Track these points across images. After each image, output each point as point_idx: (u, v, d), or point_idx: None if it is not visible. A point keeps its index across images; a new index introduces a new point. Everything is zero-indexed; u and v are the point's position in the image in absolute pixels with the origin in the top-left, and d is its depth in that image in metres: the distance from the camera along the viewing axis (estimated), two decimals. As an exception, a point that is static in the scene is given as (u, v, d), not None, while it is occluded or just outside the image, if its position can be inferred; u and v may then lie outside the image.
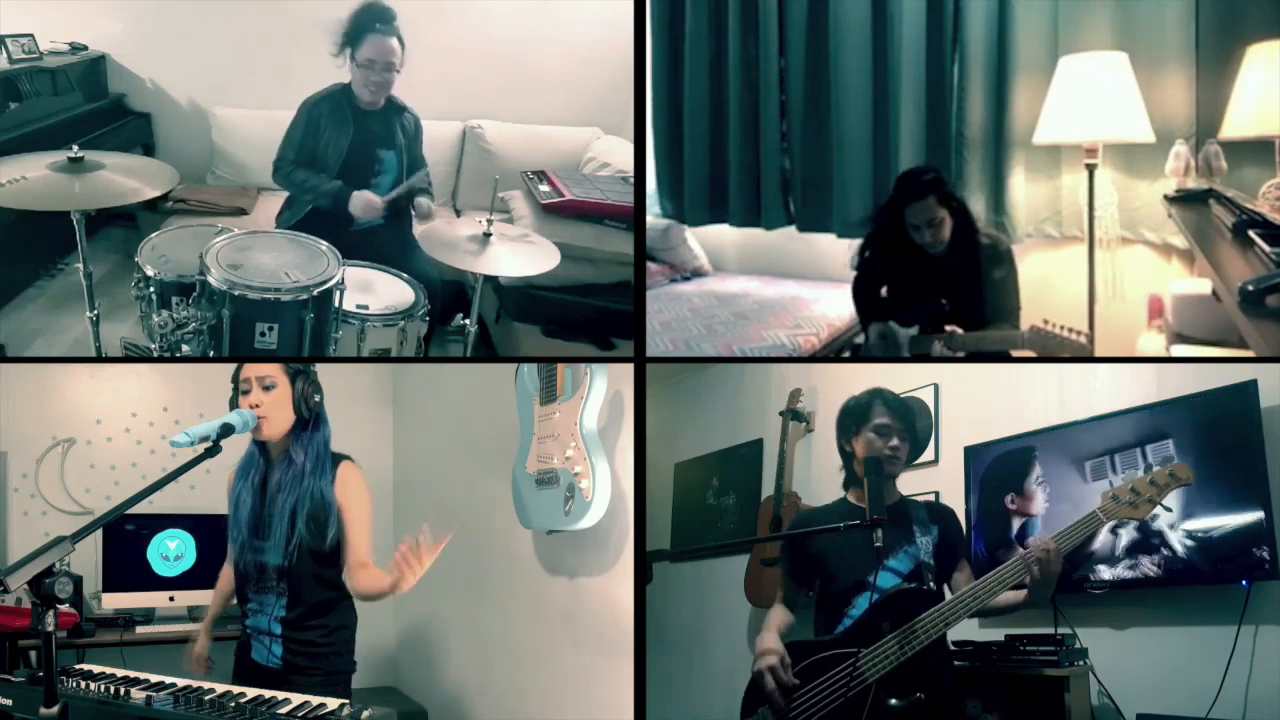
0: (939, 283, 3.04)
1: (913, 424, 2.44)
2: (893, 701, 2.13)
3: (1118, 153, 3.44)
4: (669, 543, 4.16)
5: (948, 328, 2.97)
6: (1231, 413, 2.40)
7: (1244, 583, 2.33)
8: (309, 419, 2.30)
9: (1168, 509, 2.25)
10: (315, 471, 2.26)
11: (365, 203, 3.25)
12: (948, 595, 2.32)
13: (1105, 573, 2.57)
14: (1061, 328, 2.81)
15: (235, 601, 2.46)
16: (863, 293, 3.24)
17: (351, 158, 3.29)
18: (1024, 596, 2.23)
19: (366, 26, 3.20)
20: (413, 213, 3.45)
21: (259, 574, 2.30)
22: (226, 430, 2.09)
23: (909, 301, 3.10)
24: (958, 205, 2.99)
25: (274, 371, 2.28)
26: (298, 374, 2.30)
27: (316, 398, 2.31)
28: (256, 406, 2.25)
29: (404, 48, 3.25)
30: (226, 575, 2.52)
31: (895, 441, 2.38)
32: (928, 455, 3.17)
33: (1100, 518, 2.16)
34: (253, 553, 2.30)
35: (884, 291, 3.21)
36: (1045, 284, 3.60)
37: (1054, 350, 2.82)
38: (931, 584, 2.32)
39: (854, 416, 2.43)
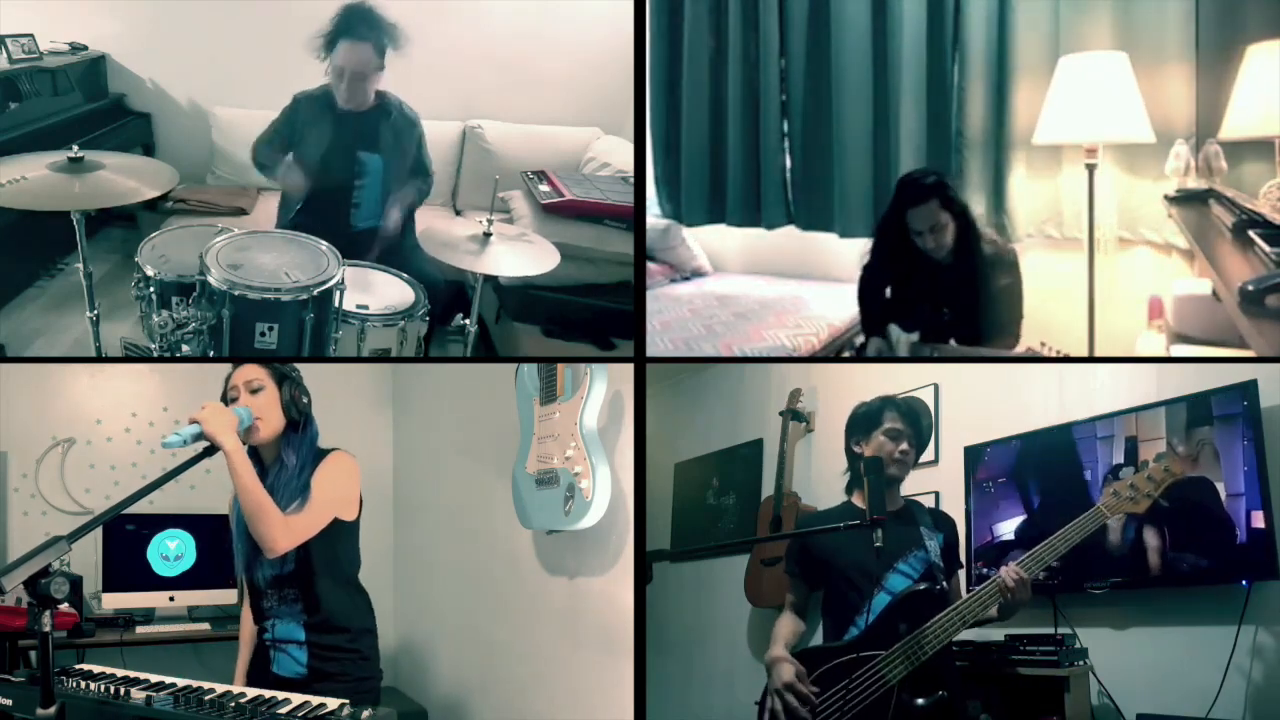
0: (942, 291, 3.02)
1: (920, 430, 2.47)
2: (920, 701, 2.14)
3: (1118, 153, 3.44)
4: (669, 543, 4.15)
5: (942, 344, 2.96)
6: (1231, 413, 2.40)
7: (1244, 583, 2.33)
8: (299, 421, 2.28)
9: (1165, 504, 2.27)
10: (304, 471, 2.24)
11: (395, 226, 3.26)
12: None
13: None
14: (1057, 351, 2.82)
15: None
16: (867, 295, 3.24)
17: (330, 159, 3.27)
18: (995, 613, 2.29)
19: (341, 32, 3.17)
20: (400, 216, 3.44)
21: (268, 585, 2.28)
22: None
23: (911, 307, 3.09)
24: (961, 210, 2.94)
25: (260, 374, 2.26)
26: (284, 377, 2.27)
27: (305, 399, 2.28)
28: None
29: (384, 54, 3.21)
30: (249, 618, 2.41)
31: (905, 446, 2.43)
32: (928, 455, 3.16)
33: (1104, 513, 2.25)
34: (259, 567, 2.28)
35: (888, 293, 3.21)
36: (1045, 284, 3.60)
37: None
38: (944, 584, 2.34)
39: (865, 420, 2.47)
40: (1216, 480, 2.39)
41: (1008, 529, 2.81)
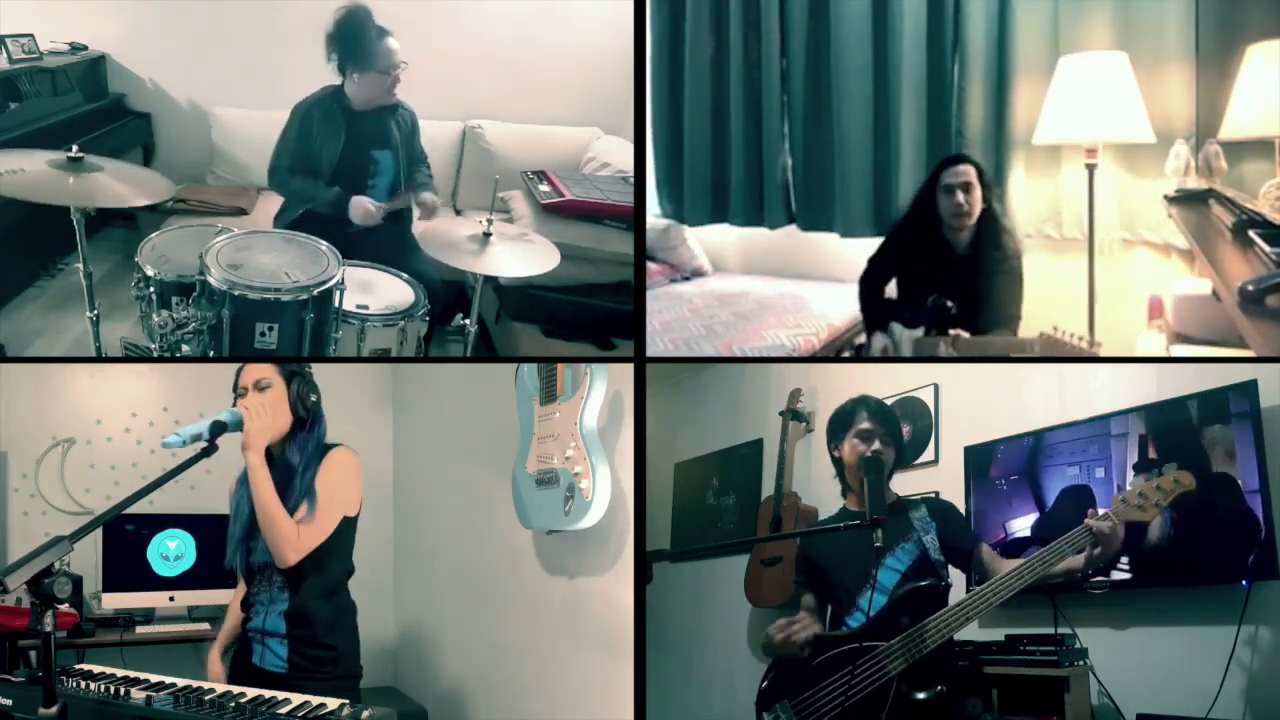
0: (954, 281, 3.03)
1: (896, 429, 2.47)
2: (920, 695, 2.15)
3: (1118, 153, 3.44)
4: (669, 543, 4.16)
5: (952, 331, 2.97)
6: (1218, 418, 2.40)
7: (1244, 583, 2.33)
8: (307, 419, 2.29)
9: (1173, 515, 2.26)
10: (308, 469, 2.25)
11: (364, 211, 3.23)
12: (954, 595, 2.33)
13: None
14: (1071, 335, 2.81)
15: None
16: (868, 293, 3.24)
17: (346, 160, 3.27)
18: (1083, 561, 2.22)
19: (369, 38, 3.17)
20: (416, 211, 3.45)
21: (258, 574, 2.29)
22: (218, 428, 2.08)
23: (917, 300, 3.09)
24: (988, 195, 3.01)
25: (269, 373, 2.27)
26: (293, 375, 2.29)
27: (313, 398, 2.30)
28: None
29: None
30: (238, 599, 2.42)
31: (877, 445, 2.41)
32: (928, 455, 3.17)
33: (1112, 519, 2.19)
34: (251, 554, 2.29)
35: (891, 292, 3.21)
36: (1045, 284, 3.60)
37: (1062, 355, 2.81)
38: (948, 580, 2.34)
39: (838, 424, 2.49)
40: (1236, 478, 2.38)
41: (1022, 526, 2.81)
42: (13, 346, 3.45)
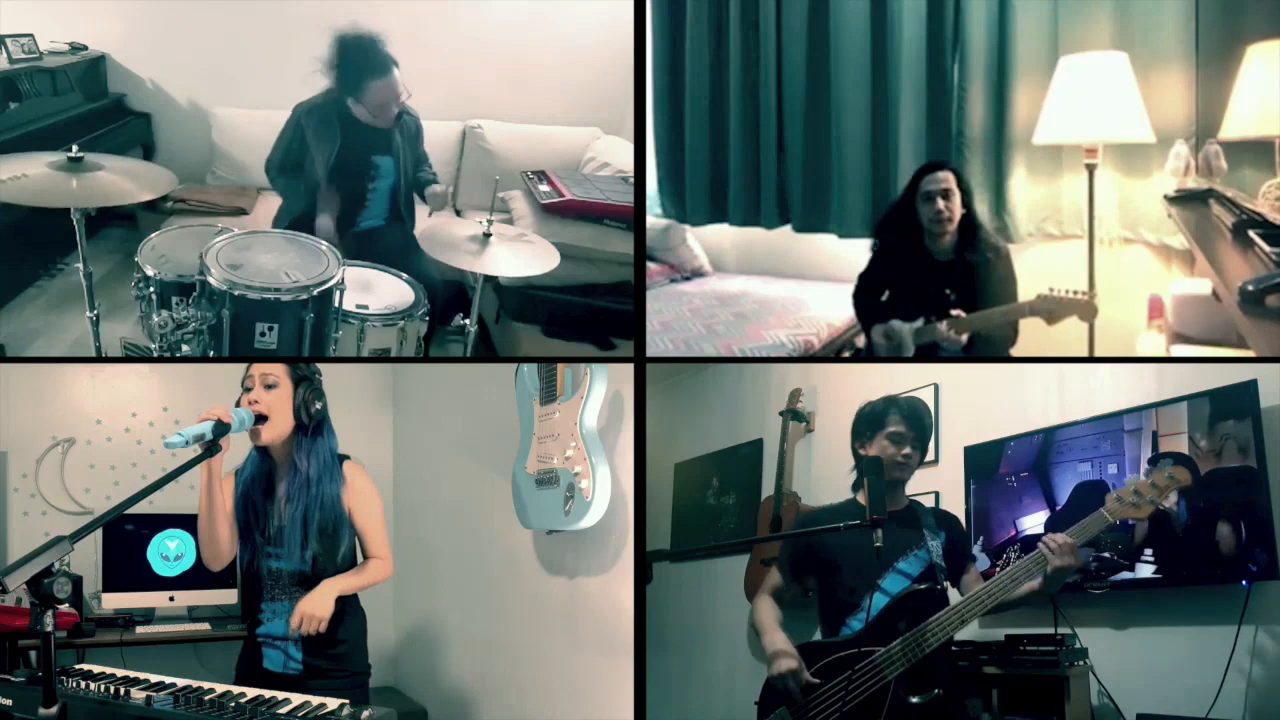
0: (942, 285, 3.04)
1: (924, 433, 2.47)
2: (915, 699, 2.15)
3: (1118, 153, 3.44)
4: (669, 543, 4.16)
5: (953, 312, 2.97)
6: (1231, 413, 2.40)
7: (1244, 583, 2.33)
8: (309, 425, 2.29)
9: (1165, 509, 2.27)
10: (323, 479, 2.26)
11: (324, 230, 3.21)
12: (954, 598, 2.33)
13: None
14: (1066, 291, 2.83)
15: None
16: (863, 298, 3.24)
17: (343, 165, 3.26)
18: (1039, 584, 2.24)
19: (367, 71, 3.16)
20: (426, 203, 3.45)
21: (274, 581, 2.29)
22: (221, 429, 2.08)
23: (912, 301, 3.10)
24: (967, 200, 3.01)
25: (278, 371, 2.28)
26: (301, 379, 2.29)
27: (318, 405, 2.30)
28: (255, 404, 2.24)
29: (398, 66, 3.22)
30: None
31: (907, 449, 2.42)
32: (928, 455, 3.16)
33: (1106, 517, 2.23)
34: (265, 559, 2.29)
35: (885, 297, 3.21)
36: (1045, 284, 3.60)
37: (1062, 313, 2.83)
38: (946, 583, 2.33)
39: (869, 422, 2.47)
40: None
41: (1033, 524, 2.81)
42: (13, 346, 3.45)
